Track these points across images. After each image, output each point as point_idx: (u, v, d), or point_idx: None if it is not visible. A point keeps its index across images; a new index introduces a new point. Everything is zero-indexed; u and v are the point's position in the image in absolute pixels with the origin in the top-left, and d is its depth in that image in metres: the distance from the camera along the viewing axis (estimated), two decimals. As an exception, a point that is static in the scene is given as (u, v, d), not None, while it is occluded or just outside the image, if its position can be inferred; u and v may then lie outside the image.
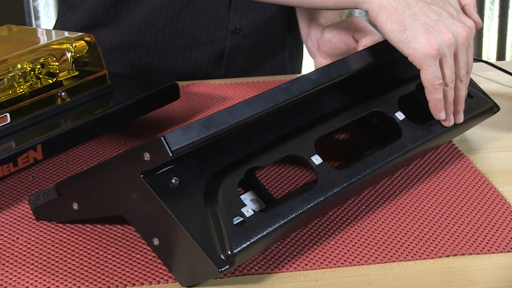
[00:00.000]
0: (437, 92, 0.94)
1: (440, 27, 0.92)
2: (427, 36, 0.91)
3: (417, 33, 0.91)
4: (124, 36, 1.34)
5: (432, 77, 0.92)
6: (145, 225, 0.77)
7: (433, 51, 0.91)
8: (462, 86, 0.97)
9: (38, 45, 1.04)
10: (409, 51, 0.92)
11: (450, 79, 0.94)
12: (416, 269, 0.81)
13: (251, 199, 0.90)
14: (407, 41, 0.92)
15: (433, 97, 0.94)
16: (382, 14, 0.93)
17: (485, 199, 0.94)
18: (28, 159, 0.94)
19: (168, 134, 0.72)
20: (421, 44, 0.91)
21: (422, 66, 0.92)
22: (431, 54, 0.91)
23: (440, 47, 0.91)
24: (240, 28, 1.34)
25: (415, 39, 0.91)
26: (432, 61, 0.91)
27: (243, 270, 0.81)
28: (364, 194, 0.95)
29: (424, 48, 0.91)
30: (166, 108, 1.20)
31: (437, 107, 0.95)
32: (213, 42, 1.35)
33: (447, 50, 0.92)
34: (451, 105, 0.97)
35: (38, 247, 0.85)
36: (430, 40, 0.91)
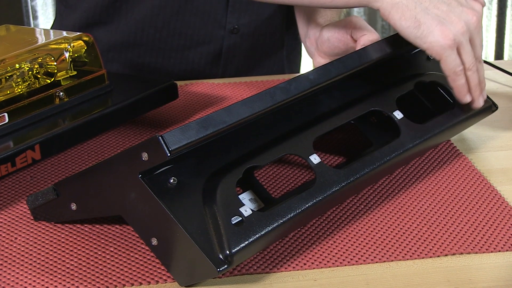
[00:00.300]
0: (459, 78, 0.97)
1: (451, 17, 0.95)
2: (441, 28, 0.94)
3: (431, 27, 0.94)
4: (122, 36, 1.34)
5: (453, 66, 0.95)
6: (144, 225, 0.77)
7: (450, 42, 0.94)
8: (481, 66, 1.00)
9: (36, 45, 1.04)
10: (427, 45, 0.95)
11: (471, 64, 0.97)
12: (414, 268, 0.81)
13: (250, 199, 0.90)
14: (424, 36, 0.94)
15: (457, 84, 0.97)
16: (394, 12, 0.95)
17: (484, 198, 0.94)
18: (26, 159, 0.94)
19: (166, 134, 0.72)
20: (436, 37, 0.94)
21: (441, 58, 0.95)
22: (448, 45, 0.94)
23: (455, 36, 0.94)
24: (238, 27, 1.34)
25: (431, 33, 0.94)
26: (450, 51, 0.94)
27: (241, 269, 0.81)
28: (362, 193, 0.95)
29: (441, 40, 0.94)
30: (165, 108, 1.20)
31: (462, 92, 0.98)
32: (210, 41, 1.35)
33: (462, 38, 0.95)
34: (477, 87, 0.99)
35: (36, 247, 0.85)
36: (445, 31, 0.94)
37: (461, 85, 0.97)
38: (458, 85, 0.97)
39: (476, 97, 1.00)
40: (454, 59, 0.95)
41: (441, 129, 0.98)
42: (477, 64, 0.98)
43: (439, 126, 0.98)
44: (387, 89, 1.00)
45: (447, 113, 1.01)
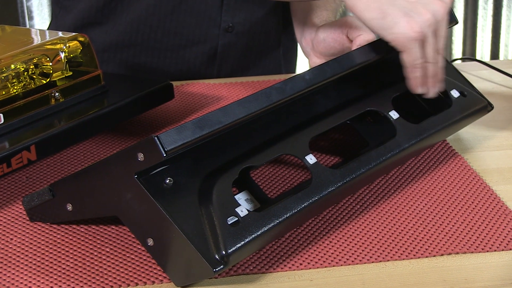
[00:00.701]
0: (417, 70, 0.95)
1: (418, 8, 0.92)
2: (407, 19, 0.91)
3: (396, 18, 0.92)
4: (117, 36, 1.34)
5: (414, 59, 0.93)
6: (140, 226, 0.77)
7: (416, 34, 0.91)
8: (441, 58, 0.98)
9: (31, 45, 1.04)
10: (392, 37, 0.92)
11: (432, 57, 0.95)
12: (410, 268, 0.81)
13: (246, 199, 0.90)
14: (389, 27, 0.92)
15: (413, 76, 0.96)
16: (359, 3, 0.94)
17: (479, 198, 0.94)
18: (22, 160, 0.94)
19: (162, 134, 0.72)
20: (402, 28, 0.91)
21: (405, 50, 0.93)
22: (414, 37, 0.92)
23: (422, 28, 0.92)
24: (233, 26, 1.34)
25: (396, 24, 0.92)
26: (415, 44, 0.92)
27: (237, 270, 0.81)
28: (358, 193, 0.95)
29: (406, 32, 0.91)
30: (160, 108, 1.20)
31: (416, 83, 0.97)
32: (206, 40, 1.34)
33: (428, 30, 0.92)
34: (434, 79, 0.98)
35: (32, 248, 0.85)
36: (411, 23, 0.91)
37: (416, 77, 0.96)
38: (414, 76, 0.96)
39: (430, 89, 0.98)
40: (416, 52, 0.93)
41: (437, 129, 0.98)
42: (437, 56, 0.96)
43: (435, 126, 0.98)
44: (383, 89, 1.00)
45: (443, 113, 1.01)
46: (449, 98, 1.03)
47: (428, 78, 0.97)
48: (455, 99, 1.03)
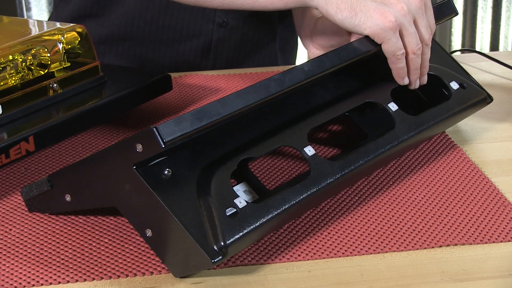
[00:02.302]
0: (399, 61, 0.95)
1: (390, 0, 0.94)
2: (379, 11, 0.93)
3: (368, 12, 0.93)
4: (113, 28, 1.34)
5: (394, 49, 0.94)
6: (138, 217, 0.77)
7: (390, 24, 0.92)
8: (427, 50, 0.98)
9: (29, 36, 1.04)
10: (368, 31, 0.93)
11: (415, 46, 0.95)
12: (409, 260, 0.81)
13: (244, 190, 0.90)
14: (362, 23, 0.93)
15: (396, 66, 0.96)
16: (330, 7, 0.95)
17: (478, 189, 0.94)
18: (20, 151, 0.94)
19: (161, 125, 0.72)
20: (375, 20, 0.92)
21: (383, 40, 0.93)
22: (389, 27, 0.92)
23: (396, 17, 0.92)
24: (227, 21, 1.34)
25: (369, 18, 0.93)
26: (392, 33, 0.92)
27: (236, 261, 0.81)
28: (357, 185, 0.95)
29: (381, 23, 0.92)
30: (159, 100, 1.20)
31: (400, 74, 0.97)
32: (200, 35, 1.35)
33: (403, 19, 0.93)
34: (418, 71, 0.98)
35: (31, 239, 0.85)
36: (384, 13, 0.92)
37: (399, 68, 0.96)
38: (396, 67, 0.96)
39: (413, 81, 0.99)
40: (395, 42, 0.93)
41: (435, 121, 0.98)
42: (423, 47, 0.96)
43: (433, 118, 0.98)
44: (381, 81, 1.00)
45: (442, 105, 1.01)
46: (448, 90, 1.03)
47: (410, 69, 0.97)
48: (454, 91, 1.03)
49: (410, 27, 0.94)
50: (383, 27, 0.92)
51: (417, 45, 0.95)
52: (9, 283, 0.78)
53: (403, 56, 0.95)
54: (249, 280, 0.78)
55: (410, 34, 0.94)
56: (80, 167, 0.81)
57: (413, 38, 0.94)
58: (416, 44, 0.95)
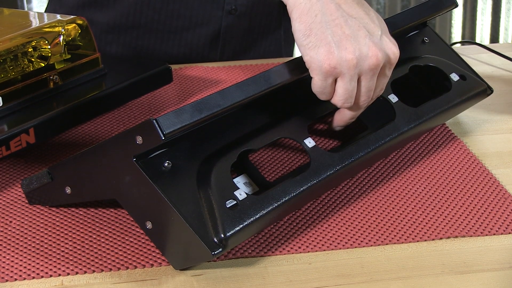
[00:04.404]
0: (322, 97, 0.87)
1: (347, 44, 0.83)
2: (328, 49, 0.83)
3: (320, 43, 0.83)
4: (121, 17, 1.34)
5: (317, 91, 0.86)
6: (138, 209, 0.77)
7: (328, 67, 0.83)
8: (357, 112, 0.91)
9: (30, 28, 1.04)
10: (306, 58, 0.84)
11: (343, 101, 0.86)
12: (409, 252, 0.81)
13: (244, 182, 0.90)
14: (308, 47, 0.84)
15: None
16: (295, 11, 0.87)
17: (479, 181, 0.94)
18: (20, 143, 0.94)
19: (161, 117, 0.72)
20: (319, 55, 0.83)
21: (313, 77, 0.85)
22: (325, 70, 0.83)
23: (338, 65, 0.83)
24: (236, 8, 1.34)
25: (316, 47, 0.84)
26: (324, 77, 0.84)
27: (236, 253, 0.81)
28: (357, 176, 0.95)
29: (321, 60, 0.83)
30: (159, 92, 1.20)
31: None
32: (209, 22, 1.34)
33: (346, 71, 0.83)
34: (338, 117, 0.93)
35: (31, 231, 0.85)
36: (330, 55, 0.83)
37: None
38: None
39: (333, 124, 0.94)
40: (322, 87, 0.85)
41: (436, 113, 0.98)
42: (353, 107, 0.88)
43: (434, 109, 0.98)
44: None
45: (442, 97, 1.01)
46: (449, 81, 1.03)
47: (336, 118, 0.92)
48: (455, 83, 1.03)
49: (349, 81, 0.84)
50: (319, 66, 0.83)
51: (344, 102, 0.86)
52: (9, 275, 0.78)
53: (327, 100, 0.87)
54: (249, 272, 0.78)
55: (343, 87, 0.85)
56: (80, 159, 0.81)
57: (344, 93, 0.85)
58: (344, 101, 0.86)
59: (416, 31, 1.06)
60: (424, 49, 1.06)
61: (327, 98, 0.87)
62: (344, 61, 0.83)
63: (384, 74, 0.88)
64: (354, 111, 0.90)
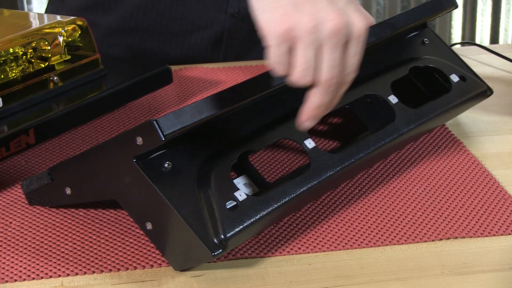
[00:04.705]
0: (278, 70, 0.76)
1: (304, 7, 0.73)
2: (283, 11, 0.73)
3: (275, 4, 0.74)
4: (124, 20, 1.34)
5: (273, 62, 0.75)
6: (138, 210, 0.77)
7: (283, 30, 0.73)
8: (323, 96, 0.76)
9: (30, 29, 1.04)
10: (261, 23, 0.75)
11: (301, 74, 0.74)
12: (409, 253, 0.81)
13: (244, 183, 0.90)
14: (262, 10, 0.75)
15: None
16: None
17: (478, 182, 0.94)
18: (20, 144, 0.94)
19: (161, 118, 0.72)
20: (273, 18, 0.73)
21: (268, 44, 0.74)
22: (279, 33, 0.73)
23: (293, 28, 0.72)
24: (239, 11, 1.34)
25: (270, 10, 0.74)
26: (278, 41, 0.73)
27: (236, 254, 0.81)
28: (357, 178, 0.95)
29: (275, 23, 0.73)
30: (159, 93, 1.20)
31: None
32: (212, 26, 1.34)
33: (303, 34, 0.72)
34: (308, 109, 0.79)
35: (31, 232, 0.85)
36: (285, 16, 0.73)
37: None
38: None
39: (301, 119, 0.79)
40: (278, 55, 0.74)
41: (436, 114, 0.98)
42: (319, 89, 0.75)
43: (434, 110, 0.98)
44: (382, 73, 1.00)
45: (442, 98, 1.01)
46: (449, 82, 1.03)
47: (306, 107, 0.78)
48: (455, 84, 1.03)
49: (305, 49, 0.73)
50: (273, 28, 0.73)
51: (303, 75, 0.74)
52: (10, 276, 0.78)
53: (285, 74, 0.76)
54: (249, 273, 0.78)
55: (299, 56, 0.73)
56: (80, 160, 0.81)
57: (301, 63, 0.73)
58: (302, 73, 0.74)
59: (416, 32, 1.06)
60: (424, 50, 1.06)
61: (284, 70, 0.75)
62: (300, 23, 0.72)
63: (352, 50, 0.76)
64: (321, 94, 0.76)
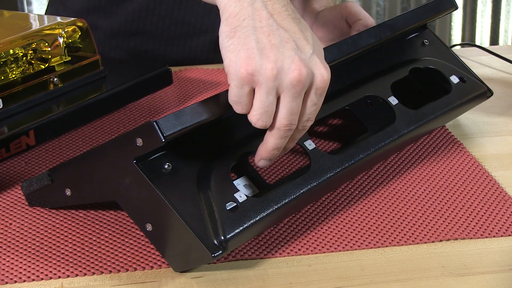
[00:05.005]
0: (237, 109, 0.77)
1: (270, 53, 0.75)
2: (249, 54, 0.75)
3: (241, 46, 0.76)
4: (125, 23, 1.34)
5: (233, 101, 0.76)
6: (138, 211, 0.77)
7: (245, 73, 0.74)
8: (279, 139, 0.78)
9: (30, 30, 1.04)
10: (226, 62, 0.77)
11: (258, 117, 0.76)
12: (409, 254, 0.81)
13: (244, 185, 0.90)
14: (229, 50, 0.77)
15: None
16: (224, 13, 0.79)
17: (478, 184, 0.94)
18: (20, 145, 0.94)
19: (161, 119, 0.72)
20: (238, 59, 0.75)
21: (230, 83, 0.76)
22: (242, 75, 0.74)
23: (256, 72, 0.74)
24: None
25: (236, 51, 0.76)
26: (240, 83, 0.75)
27: (236, 255, 0.81)
28: (357, 179, 0.95)
29: (239, 65, 0.75)
30: (159, 94, 1.20)
31: None
32: (213, 30, 1.35)
33: (264, 80, 0.74)
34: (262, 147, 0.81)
35: (31, 233, 0.85)
36: (249, 60, 0.74)
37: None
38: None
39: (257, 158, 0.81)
40: (238, 96, 0.76)
41: (436, 115, 0.98)
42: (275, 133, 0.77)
43: (434, 112, 0.98)
44: (382, 75, 1.00)
45: (442, 99, 1.01)
46: (449, 83, 1.03)
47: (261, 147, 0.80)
48: (455, 85, 1.03)
49: (265, 94, 0.75)
50: (236, 70, 0.75)
51: (259, 118, 0.76)
52: (9, 277, 0.78)
53: (243, 113, 0.77)
54: (249, 274, 0.78)
55: (258, 100, 0.75)
56: (80, 161, 0.81)
57: (259, 107, 0.75)
58: (259, 116, 0.76)
59: (416, 34, 1.06)
60: (424, 52, 1.06)
61: (242, 110, 0.77)
62: (263, 69, 0.74)
63: (311, 99, 0.77)
64: (276, 138, 0.78)
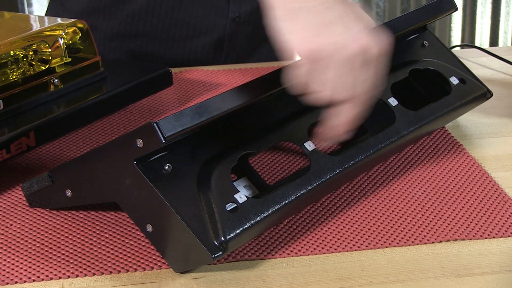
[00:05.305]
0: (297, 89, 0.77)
1: (330, 28, 0.73)
2: (310, 32, 0.73)
3: (300, 25, 0.74)
4: (125, 25, 1.34)
5: (297, 80, 0.76)
6: (139, 212, 0.77)
7: (307, 52, 0.73)
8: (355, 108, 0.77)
9: (30, 31, 1.04)
10: (285, 44, 0.75)
11: (332, 90, 0.75)
12: (409, 255, 0.81)
13: (244, 186, 0.90)
14: (288, 32, 0.75)
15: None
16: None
17: (478, 184, 0.94)
18: (21, 146, 0.94)
19: (161, 120, 0.72)
20: (299, 38, 0.74)
21: (295, 63, 0.75)
22: (307, 52, 0.74)
23: (321, 48, 0.73)
24: (240, 16, 1.34)
25: (295, 32, 0.74)
26: (303, 63, 0.74)
27: (236, 256, 0.81)
28: (357, 180, 0.95)
29: (301, 43, 0.74)
30: (159, 95, 1.20)
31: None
32: (213, 30, 1.35)
33: (332, 54, 0.73)
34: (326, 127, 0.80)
35: (31, 234, 0.85)
36: (313, 37, 0.73)
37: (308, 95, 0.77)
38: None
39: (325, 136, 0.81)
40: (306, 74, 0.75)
41: (435, 116, 0.98)
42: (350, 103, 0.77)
43: (433, 113, 0.98)
44: (382, 76, 1.00)
45: (442, 100, 1.01)
46: (448, 85, 1.03)
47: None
48: (454, 86, 1.03)
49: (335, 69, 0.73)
50: (300, 49, 0.73)
51: (333, 92, 0.75)
52: (10, 278, 0.78)
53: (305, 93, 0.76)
54: (249, 275, 0.78)
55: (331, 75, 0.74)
56: (81, 162, 0.81)
57: (332, 81, 0.74)
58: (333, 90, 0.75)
59: (416, 35, 1.06)
60: (423, 53, 1.06)
61: (307, 88, 0.76)
62: (328, 43, 0.73)
63: (374, 66, 0.77)
64: (354, 107, 0.77)
